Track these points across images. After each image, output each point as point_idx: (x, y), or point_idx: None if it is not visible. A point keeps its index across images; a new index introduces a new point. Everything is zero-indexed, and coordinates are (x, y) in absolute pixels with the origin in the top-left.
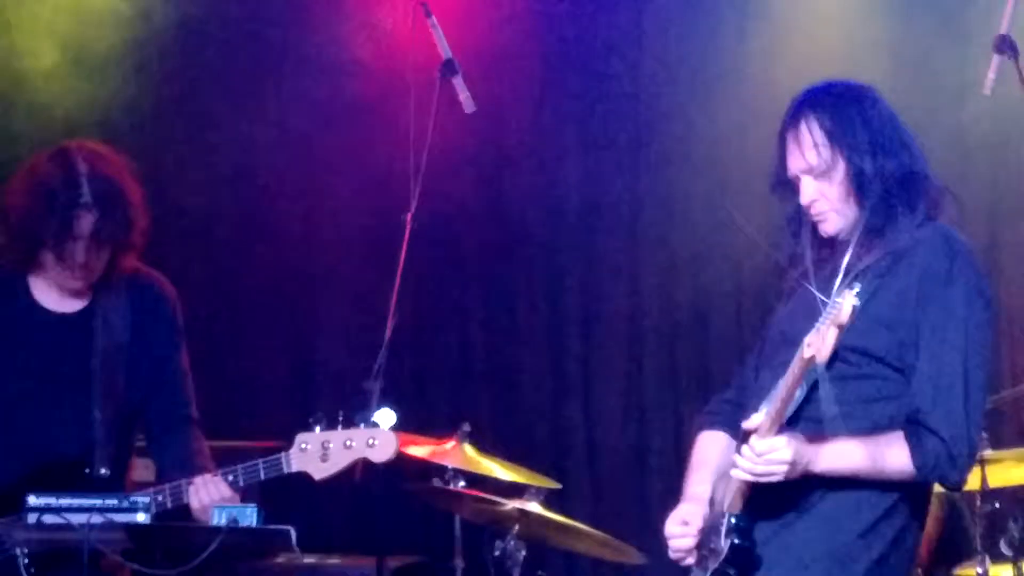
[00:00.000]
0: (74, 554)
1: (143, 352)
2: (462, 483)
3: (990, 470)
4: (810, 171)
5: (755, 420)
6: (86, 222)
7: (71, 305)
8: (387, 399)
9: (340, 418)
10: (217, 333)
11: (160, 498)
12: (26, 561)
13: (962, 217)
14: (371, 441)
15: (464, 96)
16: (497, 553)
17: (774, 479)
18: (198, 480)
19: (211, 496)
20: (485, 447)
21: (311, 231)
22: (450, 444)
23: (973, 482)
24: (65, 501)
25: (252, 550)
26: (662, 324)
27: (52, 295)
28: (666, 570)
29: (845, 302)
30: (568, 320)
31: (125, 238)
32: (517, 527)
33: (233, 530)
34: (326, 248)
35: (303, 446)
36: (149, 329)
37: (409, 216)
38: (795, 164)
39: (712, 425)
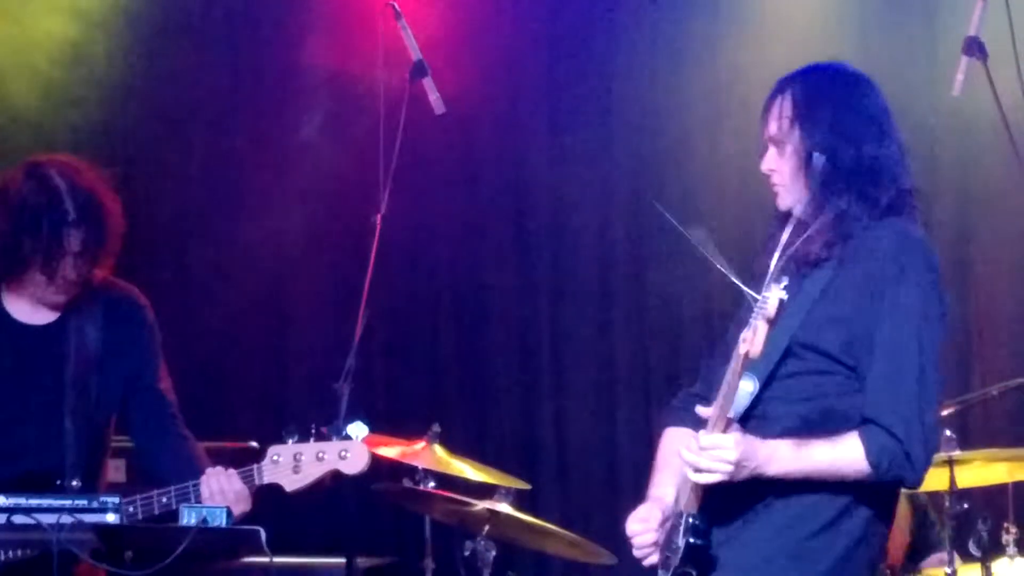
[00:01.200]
0: (47, 561)
1: (117, 362)
2: (432, 484)
3: (959, 471)
4: (771, 140)
5: (705, 411)
6: (75, 239)
7: (43, 317)
8: (357, 400)
9: (313, 430)
10: (188, 333)
11: (131, 509)
12: None
13: (929, 218)
14: (343, 453)
15: (434, 97)
16: (467, 553)
17: (715, 478)
18: (211, 470)
19: (221, 486)
20: (455, 448)
21: (282, 231)
22: (420, 445)
23: (942, 483)
24: (35, 501)
25: (222, 550)
26: (633, 324)
27: (24, 307)
28: (635, 571)
29: (772, 296)
30: (539, 321)
31: (108, 249)
32: (487, 528)
33: (203, 530)
34: (297, 249)
35: (275, 458)
36: (123, 340)
37: (379, 217)
38: (764, 131)
39: (677, 421)
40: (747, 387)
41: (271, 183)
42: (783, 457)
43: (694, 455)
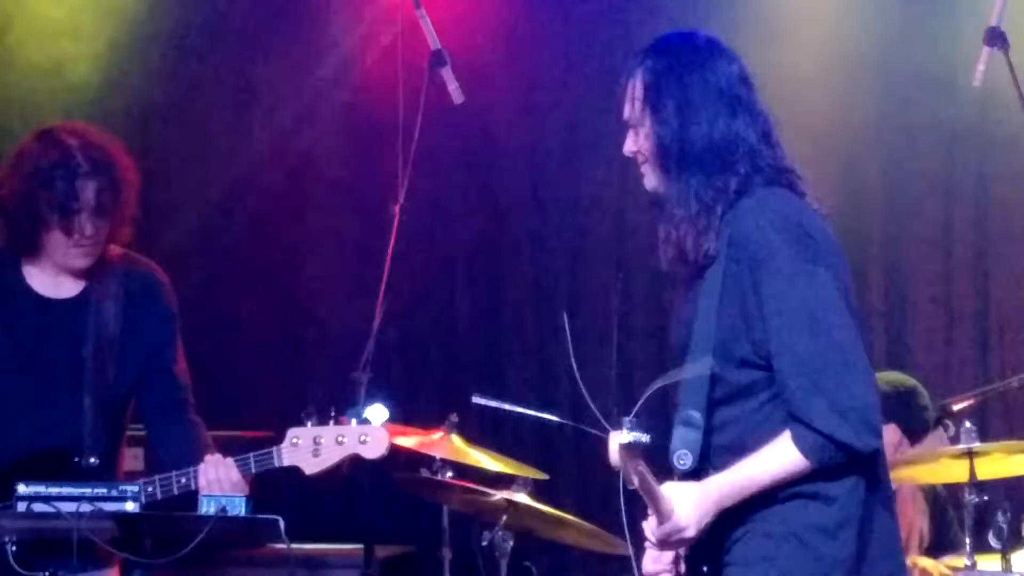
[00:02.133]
0: (63, 542)
1: (135, 340)
2: (450, 473)
3: (978, 463)
4: (627, 123)
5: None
6: (89, 191)
7: (65, 291)
8: (375, 389)
9: (332, 413)
10: (208, 323)
11: (150, 489)
12: (14, 549)
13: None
14: (363, 438)
15: (453, 87)
16: (485, 543)
17: (686, 546)
18: (209, 458)
19: (218, 475)
20: (473, 438)
21: (301, 221)
22: (438, 435)
23: (961, 474)
24: (55, 490)
25: (241, 539)
26: (650, 315)
27: (47, 281)
28: None
29: (611, 442)
30: (557, 310)
31: (123, 205)
32: (505, 518)
33: (222, 519)
34: (316, 239)
35: (294, 440)
36: (142, 317)
37: (398, 207)
38: (624, 112)
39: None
40: (689, 427)
41: (291, 173)
42: (727, 492)
43: (655, 564)
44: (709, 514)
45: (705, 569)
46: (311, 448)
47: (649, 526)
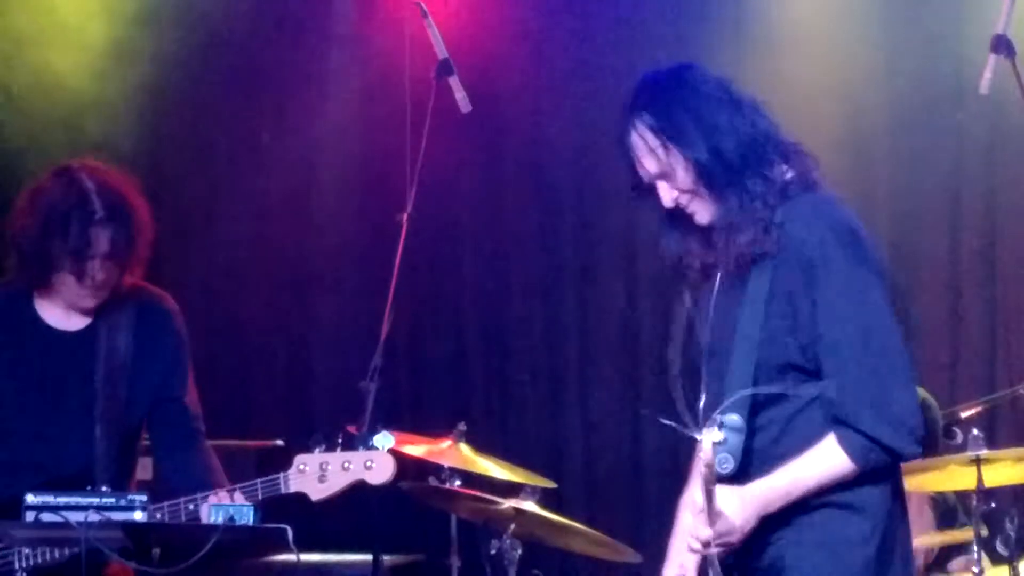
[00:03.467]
0: (72, 566)
1: (146, 369)
2: (458, 482)
3: (986, 470)
4: (657, 177)
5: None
6: (103, 239)
7: (75, 323)
8: (383, 399)
9: (339, 440)
10: (214, 333)
11: (158, 516)
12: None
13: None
14: (369, 464)
15: (460, 96)
16: (493, 552)
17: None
18: (212, 497)
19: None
20: (481, 446)
21: (308, 231)
22: (446, 443)
23: (969, 482)
24: (63, 499)
25: (249, 549)
26: (659, 322)
27: (57, 313)
28: (660, 569)
29: (704, 441)
30: (565, 319)
31: (137, 252)
32: (513, 526)
33: (230, 528)
34: (323, 249)
35: (301, 467)
36: (153, 346)
37: (405, 216)
38: (644, 172)
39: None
40: (732, 431)
41: (297, 182)
42: (771, 498)
43: (701, 546)
44: (753, 518)
45: None
46: (317, 474)
47: (692, 528)
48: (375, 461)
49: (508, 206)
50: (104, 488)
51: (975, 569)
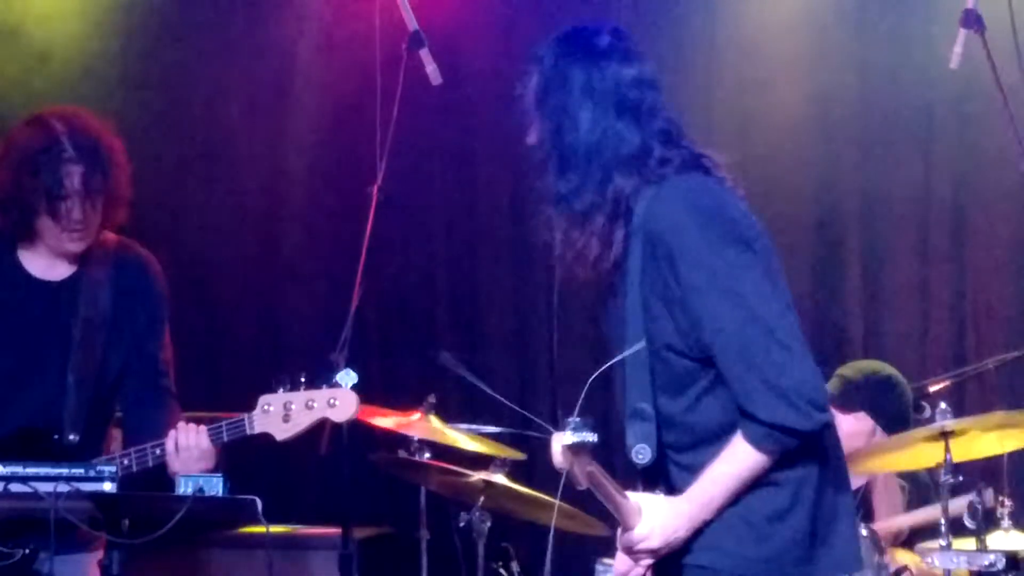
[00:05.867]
0: (44, 522)
1: (125, 324)
2: (428, 454)
3: (955, 445)
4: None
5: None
6: (76, 176)
7: (58, 273)
8: (353, 370)
9: (303, 379)
10: (184, 305)
11: (126, 462)
12: None
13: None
14: (332, 401)
15: (431, 68)
16: (462, 524)
17: (653, 559)
18: (179, 424)
19: (187, 441)
20: (450, 418)
21: (278, 202)
22: (416, 415)
23: (937, 456)
24: (32, 470)
25: (218, 519)
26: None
27: (40, 263)
28: None
29: (553, 444)
30: (535, 291)
31: (113, 190)
32: (482, 499)
33: (199, 499)
34: (293, 220)
35: (266, 407)
36: (133, 302)
37: (376, 188)
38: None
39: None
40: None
41: (266, 155)
42: (701, 503)
43: (625, 566)
44: (681, 530)
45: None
46: (282, 414)
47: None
48: (339, 398)
49: (479, 178)
50: (72, 436)
51: (942, 543)
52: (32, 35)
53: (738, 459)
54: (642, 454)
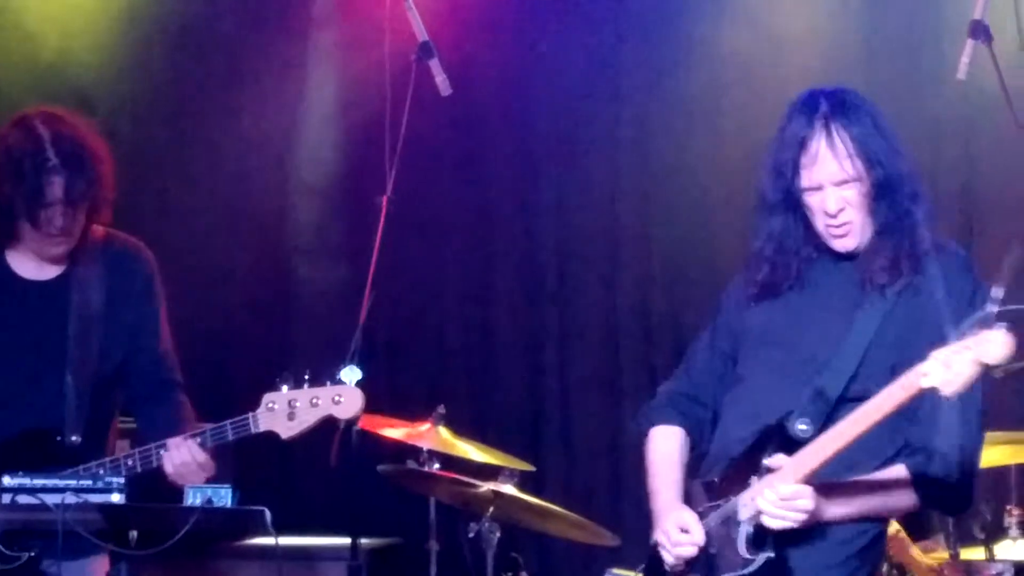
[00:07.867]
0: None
1: (119, 318)
2: (437, 465)
3: None
4: (844, 182)
5: (777, 460)
6: (57, 186)
7: (47, 273)
8: (362, 381)
9: (307, 377)
10: (193, 316)
11: (130, 462)
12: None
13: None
14: (336, 398)
15: (440, 79)
16: (471, 535)
17: (787, 525)
18: (171, 443)
19: (183, 458)
20: (460, 430)
21: (288, 213)
22: (425, 426)
23: None
24: (39, 481)
25: (227, 531)
26: (638, 307)
27: (28, 264)
28: (638, 552)
29: (994, 338)
30: (545, 303)
31: (97, 195)
32: (492, 509)
33: (208, 511)
34: (303, 230)
35: (270, 405)
36: (125, 295)
37: (385, 199)
38: (826, 174)
39: (667, 419)
40: (821, 400)
41: (276, 165)
42: (837, 505)
43: (772, 505)
44: (816, 513)
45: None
46: (286, 412)
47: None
48: (343, 395)
49: (489, 188)
50: (74, 438)
51: (951, 552)
52: (46, 39)
53: (895, 496)
54: (806, 427)
